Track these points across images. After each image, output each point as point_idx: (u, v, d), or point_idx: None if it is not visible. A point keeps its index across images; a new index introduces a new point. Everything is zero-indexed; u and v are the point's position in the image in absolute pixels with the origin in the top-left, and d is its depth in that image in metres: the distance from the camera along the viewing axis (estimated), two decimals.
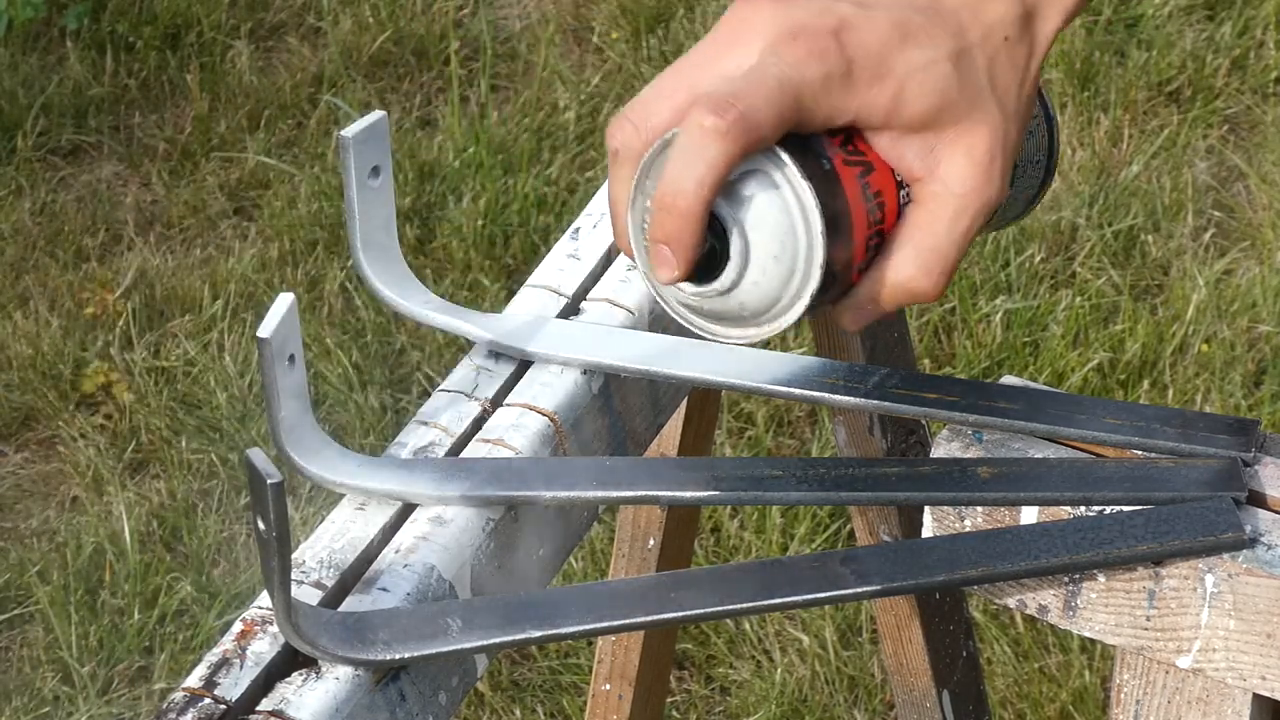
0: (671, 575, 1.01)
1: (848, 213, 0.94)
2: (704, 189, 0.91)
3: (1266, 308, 2.92)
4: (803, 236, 0.93)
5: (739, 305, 0.95)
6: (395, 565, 0.98)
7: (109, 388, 2.91)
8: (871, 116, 0.94)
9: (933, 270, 0.96)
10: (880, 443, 1.48)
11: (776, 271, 0.94)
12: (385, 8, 3.53)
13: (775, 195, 0.93)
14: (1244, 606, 1.01)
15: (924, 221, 0.96)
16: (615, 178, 0.96)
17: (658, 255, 0.93)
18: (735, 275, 0.94)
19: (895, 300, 0.97)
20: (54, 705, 2.51)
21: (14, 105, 3.35)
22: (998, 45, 0.96)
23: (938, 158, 0.95)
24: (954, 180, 0.95)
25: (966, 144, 0.95)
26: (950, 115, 0.95)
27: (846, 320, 0.99)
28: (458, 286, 3.02)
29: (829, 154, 0.94)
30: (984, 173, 0.95)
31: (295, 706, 0.92)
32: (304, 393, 0.98)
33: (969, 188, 0.95)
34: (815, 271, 0.93)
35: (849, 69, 0.93)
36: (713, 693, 2.51)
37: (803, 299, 0.94)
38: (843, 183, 0.94)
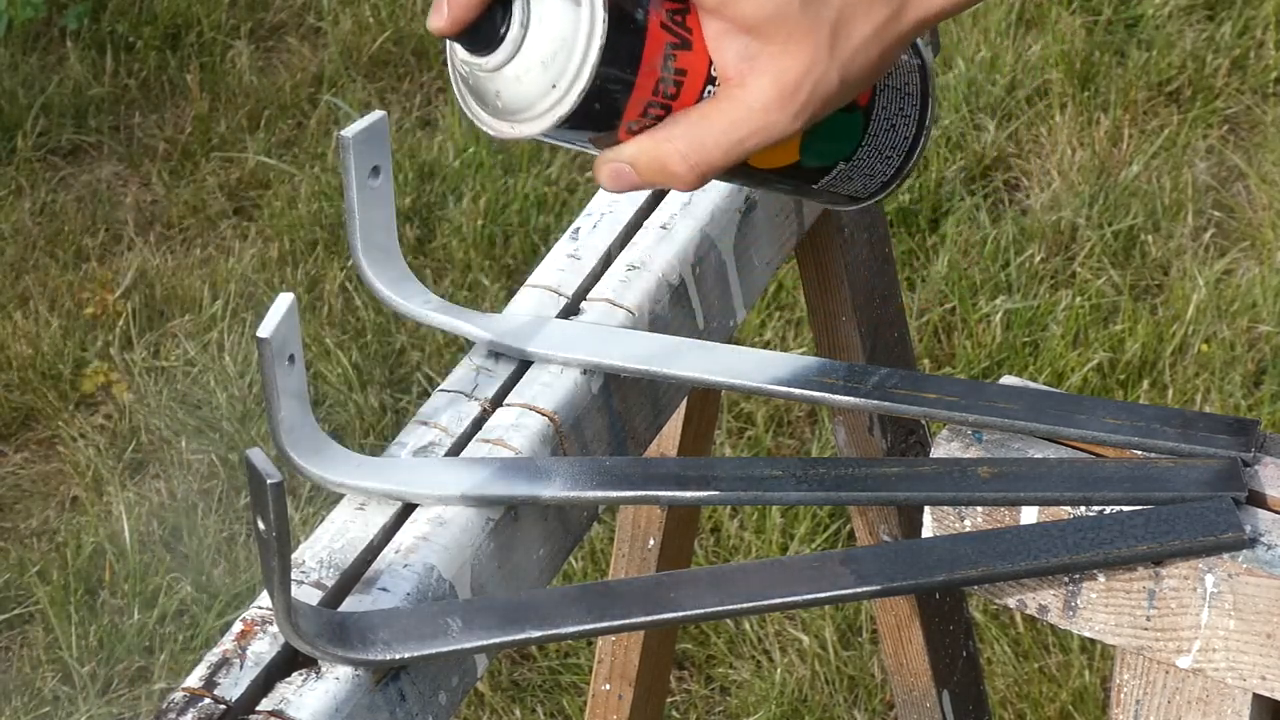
0: (671, 575, 1.01)
1: (635, 66, 0.94)
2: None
3: (1266, 308, 2.92)
4: (576, 58, 0.93)
5: (495, 93, 0.95)
6: (395, 565, 0.98)
7: (109, 388, 2.91)
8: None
9: (690, 158, 0.95)
10: (880, 443, 1.48)
11: (539, 77, 0.93)
12: (385, 8, 3.53)
13: (571, 6, 0.92)
14: (1244, 606, 1.01)
15: (707, 113, 0.95)
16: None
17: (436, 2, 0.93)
18: (500, 60, 0.94)
19: (649, 172, 0.96)
20: (54, 705, 2.51)
21: (14, 105, 3.35)
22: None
23: (750, 67, 0.94)
24: (753, 92, 0.94)
25: (781, 65, 0.94)
26: (779, 30, 0.94)
27: (602, 174, 0.97)
28: (458, 286, 3.02)
29: (650, 7, 0.94)
30: (783, 99, 0.94)
31: (295, 706, 0.92)
32: (304, 393, 0.98)
33: (761, 104, 0.94)
34: (573, 97, 0.93)
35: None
36: (713, 693, 2.51)
37: (550, 116, 0.94)
38: (646, 39, 0.93)
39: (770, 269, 1.27)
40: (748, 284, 1.24)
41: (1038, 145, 3.26)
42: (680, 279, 1.17)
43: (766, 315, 2.93)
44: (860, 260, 1.42)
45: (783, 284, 2.95)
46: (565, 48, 0.93)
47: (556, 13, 0.92)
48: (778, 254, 1.27)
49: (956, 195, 3.15)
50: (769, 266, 1.27)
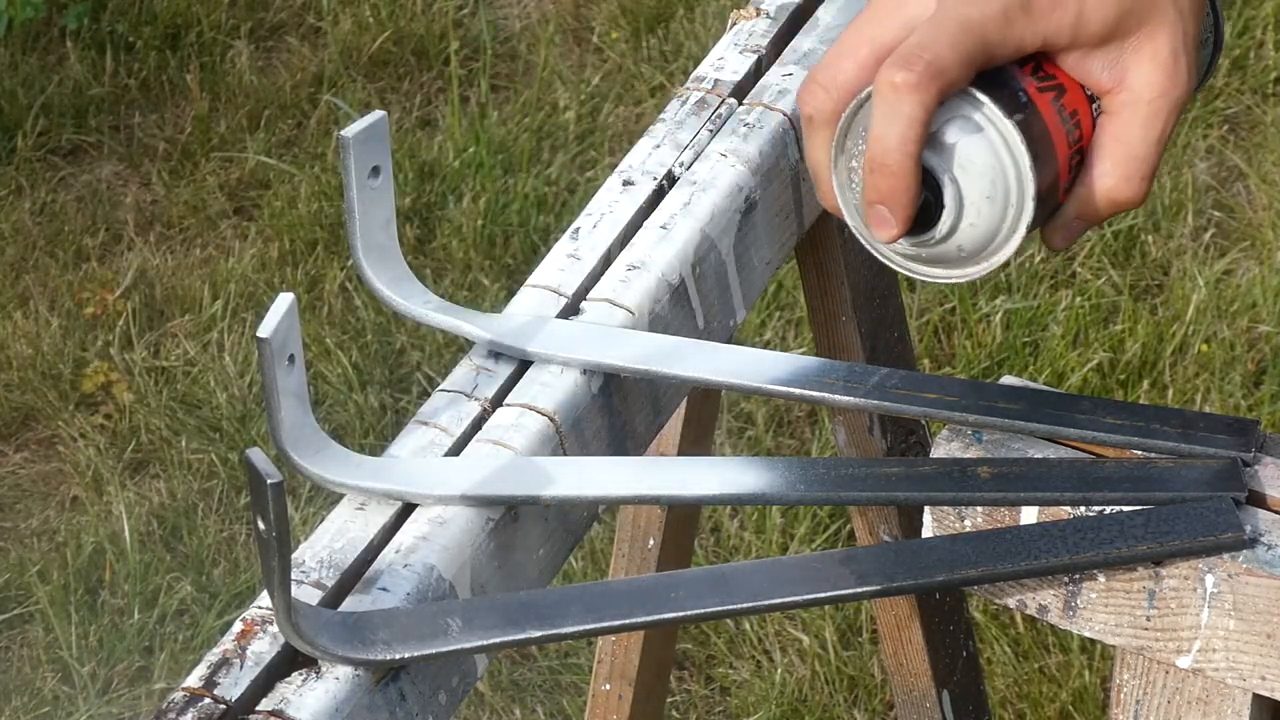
0: (671, 575, 1.01)
1: (1048, 138, 0.96)
2: (909, 144, 0.93)
3: (1266, 308, 2.92)
4: (1011, 172, 0.95)
5: (957, 248, 0.97)
6: (395, 565, 0.98)
7: (109, 388, 2.91)
8: (1057, 39, 0.96)
9: (1133, 177, 0.98)
10: (880, 443, 1.48)
11: (991, 210, 0.96)
12: (385, 8, 3.53)
13: (979, 137, 0.95)
14: (1244, 606, 1.01)
15: (1120, 132, 0.98)
16: (813, 143, 0.99)
17: (876, 217, 0.95)
18: (951, 222, 0.96)
19: (1100, 213, 0.99)
20: (54, 705, 2.51)
21: (14, 105, 3.35)
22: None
23: (1124, 66, 0.97)
24: (1143, 86, 0.97)
25: (1150, 49, 0.97)
26: (1131, 22, 0.96)
27: (1057, 239, 1.01)
28: (458, 286, 3.02)
29: (1022, 84, 0.96)
30: (1171, 74, 0.97)
31: (295, 706, 0.92)
32: (304, 393, 0.98)
33: (1158, 91, 0.97)
34: (1029, 203, 0.96)
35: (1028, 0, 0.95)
36: (713, 693, 2.51)
37: (1019, 231, 0.97)
38: (1040, 110, 0.96)
39: (770, 269, 1.27)
40: (748, 284, 1.24)
41: None
42: (680, 279, 1.17)
43: (766, 315, 2.93)
44: (860, 260, 1.42)
45: (783, 284, 2.95)
46: (999, 172, 0.95)
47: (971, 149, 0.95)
48: (778, 254, 1.27)
49: None
50: (769, 266, 1.27)
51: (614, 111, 3.34)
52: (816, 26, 1.32)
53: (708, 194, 1.20)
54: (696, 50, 3.39)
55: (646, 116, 3.32)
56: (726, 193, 1.21)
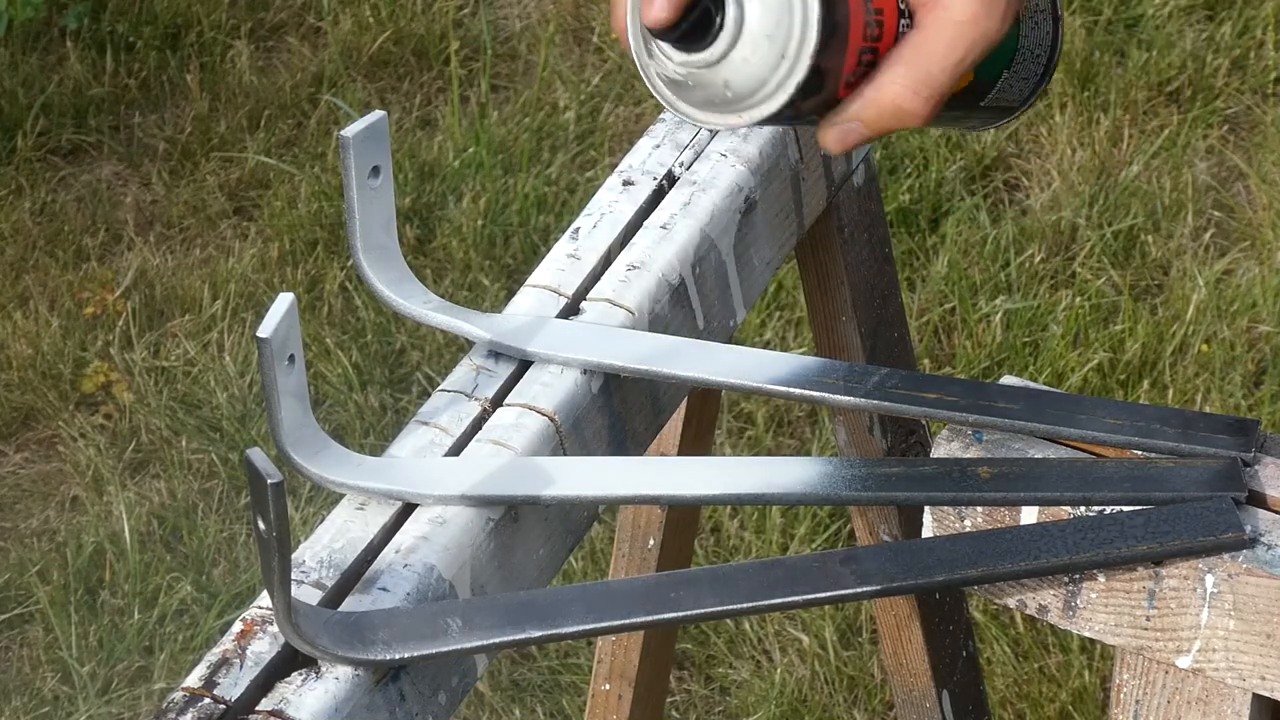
0: (671, 575, 1.01)
1: (846, 17, 0.93)
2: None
3: (1266, 308, 2.92)
4: (799, 20, 0.92)
5: (723, 82, 0.94)
6: (395, 565, 0.98)
7: (109, 388, 2.91)
8: None
9: (921, 92, 0.96)
10: (880, 443, 1.48)
11: (768, 51, 0.93)
12: (385, 8, 3.53)
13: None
14: (1244, 606, 1.01)
15: (921, 43, 0.96)
16: None
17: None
18: (726, 46, 0.93)
19: (881, 120, 0.96)
20: (54, 705, 2.51)
21: (14, 105, 3.35)
22: None
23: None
24: (956, 8, 0.95)
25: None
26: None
27: (830, 138, 0.97)
28: (458, 286, 3.02)
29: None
30: (987, 5, 0.95)
31: (295, 706, 0.92)
32: (304, 393, 0.98)
33: (969, 15, 0.95)
34: (805, 60, 0.92)
35: None
36: (713, 693, 2.51)
37: (787, 88, 0.93)
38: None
39: (770, 269, 1.27)
40: (748, 284, 1.24)
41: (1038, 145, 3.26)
42: (680, 279, 1.17)
43: (766, 315, 2.93)
44: (860, 260, 1.42)
45: (783, 284, 2.95)
46: (786, 15, 0.92)
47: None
48: (778, 254, 1.27)
49: (956, 195, 3.15)
50: (769, 266, 1.27)
51: (614, 111, 3.34)
52: None
53: (708, 194, 1.20)
54: None
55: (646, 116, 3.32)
56: (726, 192, 1.21)
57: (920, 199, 3.14)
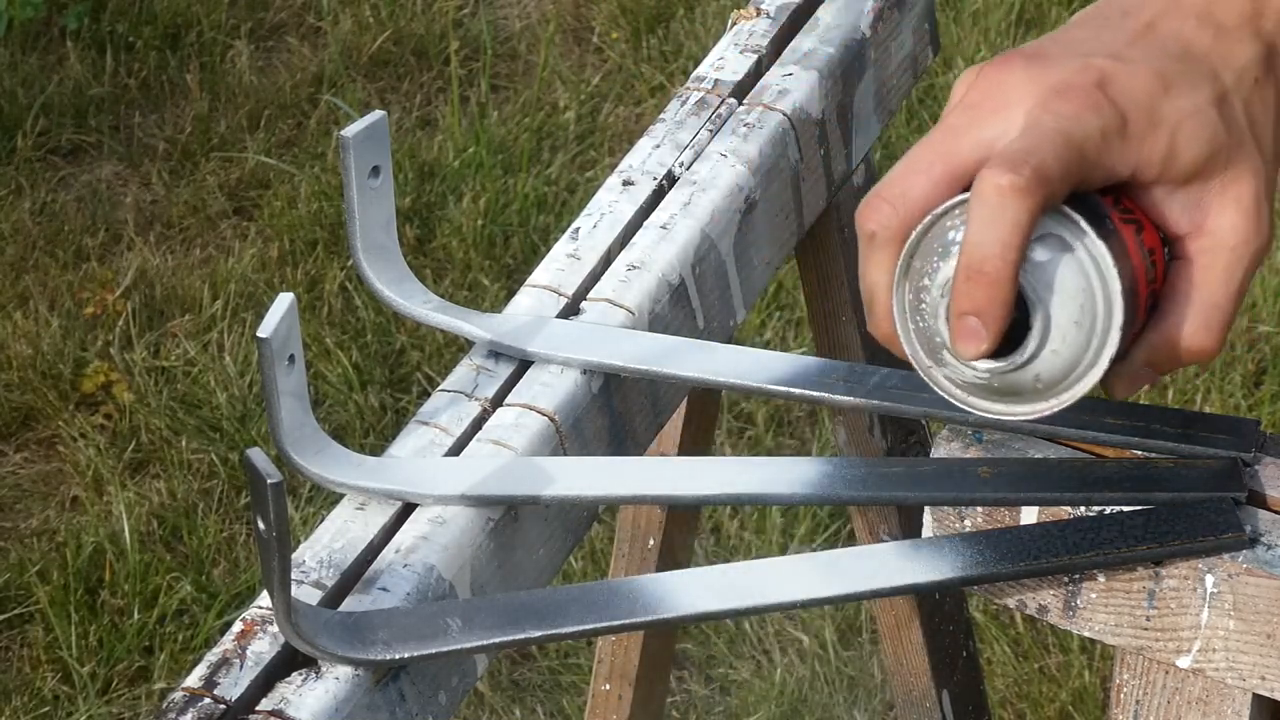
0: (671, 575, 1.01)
1: (1132, 272, 0.91)
2: (1011, 251, 0.87)
3: (1266, 308, 2.92)
4: (1100, 299, 0.90)
5: (1034, 377, 0.92)
6: (395, 565, 0.98)
7: (109, 387, 2.91)
8: (1148, 169, 0.91)
9: (1213, 327, 0.93)
10: (880, 443, 1.48)
11: (1076, 337, 0.90)
12: (385, 8, 3.53)
13: (1071, 257, 0.89)
14: (1244, 606, 1.01)
15: (1200, 278, 0.93)
16: (873, 261, 0.92)
17: (965, 329, 0.89)
18: (1037, 345, 0.90)
19: (1174, 362, 0.94)
20: (54, 705, 2.51)
21: (14, 105, 3.35)
22: (1250, 87, 0.93)
23: (1206, 210, 0.92)
24: (1225, 232, 0.92)
25: (1235, 193, 0.92)
26: (1219, 163, 0.92)
27: (1120, 388, 0.95)
28: (458, 286, 3.02)
29: (1107, 212, 0.91)
30: (1254, 222, 0.92)
31: (295, 706, 0.92)
32: (304, 393, 0.98)
33: (1240, 239, 0.92)
34: (1114, 334, 0.90)
35: (1123, 121, 0.90)
36: (713, 693, 2.51)
37: (1099, 364, 0.91)
38: (1125, 242, 0.91)
39: (770, 269, 1.27)
40: (748, 284, 1.24)
41: None
42: (680, 279, 1.17)
43: (766, 315, 2.93)
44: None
45: (783, 284, 2.95)
46: (1088, 297, 0.90)
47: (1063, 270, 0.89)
48: (778, 254, 1.27)
49: None
50: (769, 266, 1.27)
51: (614, 111, 3.34)
52: (817, 26, 1.32)
53: (708, 194, 1.20)
54: (696, 50, 3.39)
55: (646, 116, 3.32)
56: (726, 193, 1.21)
57: None
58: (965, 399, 0.94)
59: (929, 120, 3.26)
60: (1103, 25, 0.94)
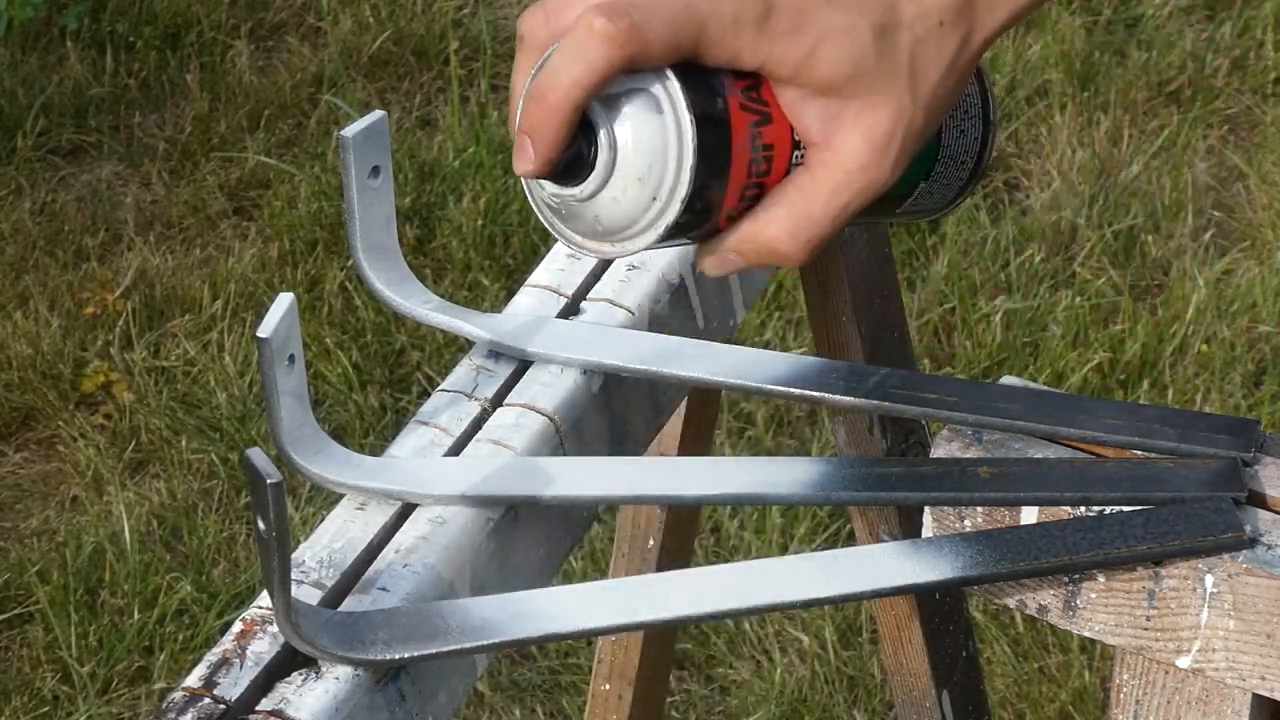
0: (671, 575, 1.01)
1: (727, 155, 0.92)
2: (577, 88, 0.89)
3: (1266, 308, 2.92)
4: (672, 166, 0.91)
5: (594, 218, 0.93)
6: (395, 565, 0.98)
7: (109, 387, 2.91)
8: (780, 67, 0.91)
9: (799, 235, 0.94)
10: (880, 443, 1.48)
11: (638, 193, 0.91)
12: (385, 8, 3.53)
13: (655, 117, 0.90)
14: (1244, 606, 1.01)
15: (806, 186, 0.93)
16: (518, 65, 0.94)
17: (519, 145, 0.91)
18: (595, 186, 0.92)
19: (757, 256, 0.95)
20: (54, 705, 2.51)
21: (14, 105, 3.35)
22: (929, 28, 0.93)
23: (836, 127, 0.93)
24: (846, 153, 0.93)
25: (869, 120, 0.92)
26: (860, 86, 0.92)
27: (706, 264, 0.96)
28: (458, 286, 3.02)
29: (726, 94, 0.91)
30: (878, 153, 0.93)
31: (295, 706, 0.92)
32: (304, 393, 0.98)
33: (858, 164, 0.93)
34: (676, 204, 0.91)
35: (766, 14, 0.90)
36: (713, 693, 2.51)
37: (656, 227, 0.92)
38: (731, 125, 0.91)
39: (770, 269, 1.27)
40: (748, 284, 1.24)
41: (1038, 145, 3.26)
42: (680, 279, 1.17)
43: (766, 315, 2.94)
44: (860, 260, 1.42)
45: (783, 284, 2.95)
46: (659, 159, 0.91)
47: (643, 127, 0.90)
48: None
49: None
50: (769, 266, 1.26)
51: None
52: None
53: None
54: None
55: None
56: None
57: None
58: (543, 213, 0.96)
59: None
60: None
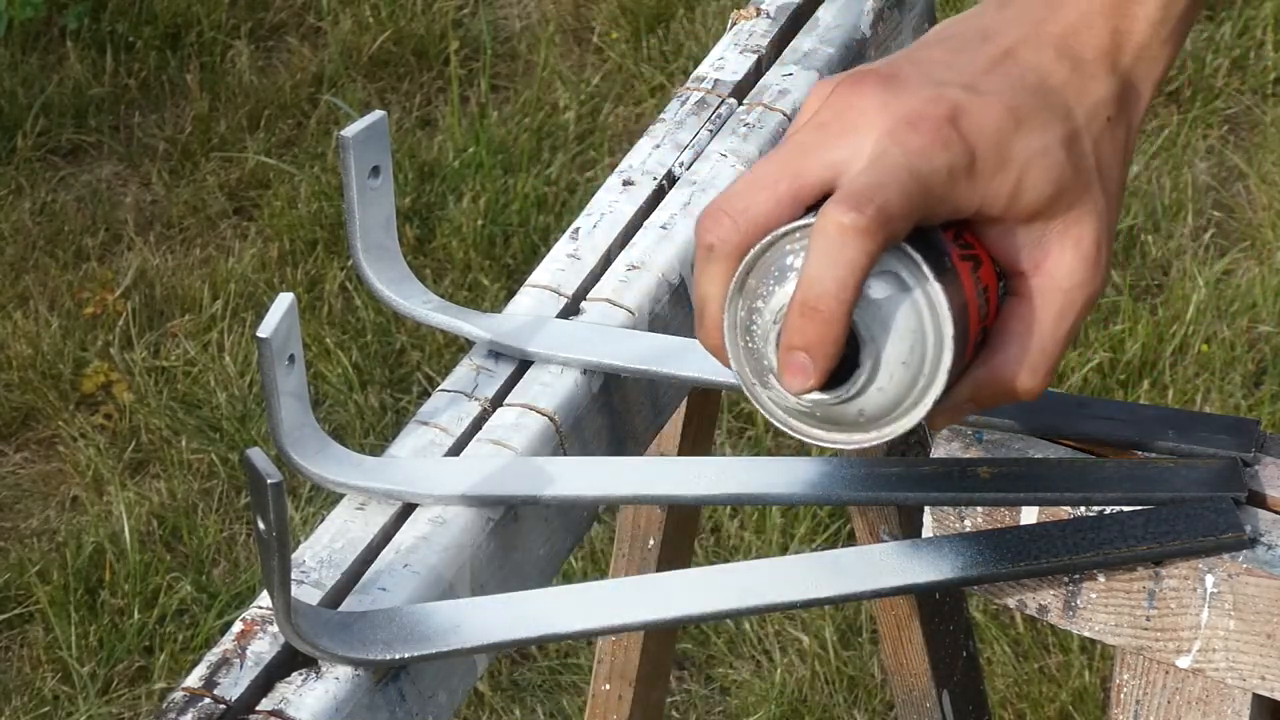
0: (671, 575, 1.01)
1: (967, 311, 0.89)
2: (847, 291, 0.85)
3: (1266, 308, 2.92)
4: (931, 340, 0.88)
5: (858, 412, 0.90)
6: (395, 565, 0.98)
7: (109, 387, 2.91)
8: (993, 206, 0.89)
9: (1038, 370, 0.91)
10: None
11: (903, 376, 0.89)
12: (385, 8, 3.53)
13: (906, 296, 0.88)
14: (1244, 606, 1.01)
15: (1029, 318, 0.91)
16: (709, 274, 0.90)
17: (794, 364, 0.87)
18: (863, 382, 0.89)
19: (995, 400, 0.92)
20: (54, 705, 2.51)
21: (14, 105, 3.35)
22: (1101, 126, 0.91)
23: (1046, 250, 0.90)
24: (1062, 275, 0.90)
25: (1075, 235, 0.90)
26: (1063, 204, 0.90)
27: (940, 421, 0.94)
28: (458, 286, 3.02)
29: (946, 249, 0.89)
30: (1091, 265, 0.91)
31: (295, 706, 0.92)
32: (304, 393, 0.98)
33: (1076, 282, 0.91)
34: (941, 376, 0.89)
35: (972, 158, 0.88)
36: (713, 693, 2.51)
37: (924, 404, 0.89)
38: (961, 279, 0.89)
39: None
40: None
41: None
42: (680, 279, 1.17)
43: None
44: None
45: None
46: (919, 338, 0.88)
47: (897, 309, 0.87)
48: None
49: None
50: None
51: (614, 111, 3.34)
52: (817, 26, 1.32)
53: (708, 194, 1.20)
54: (696, 50, 3.39)
55: (646, 116, 3.32)
56: None
57: None
58: (787, 421, 0.92)
59: None
60: (960, 48, 0.91)
